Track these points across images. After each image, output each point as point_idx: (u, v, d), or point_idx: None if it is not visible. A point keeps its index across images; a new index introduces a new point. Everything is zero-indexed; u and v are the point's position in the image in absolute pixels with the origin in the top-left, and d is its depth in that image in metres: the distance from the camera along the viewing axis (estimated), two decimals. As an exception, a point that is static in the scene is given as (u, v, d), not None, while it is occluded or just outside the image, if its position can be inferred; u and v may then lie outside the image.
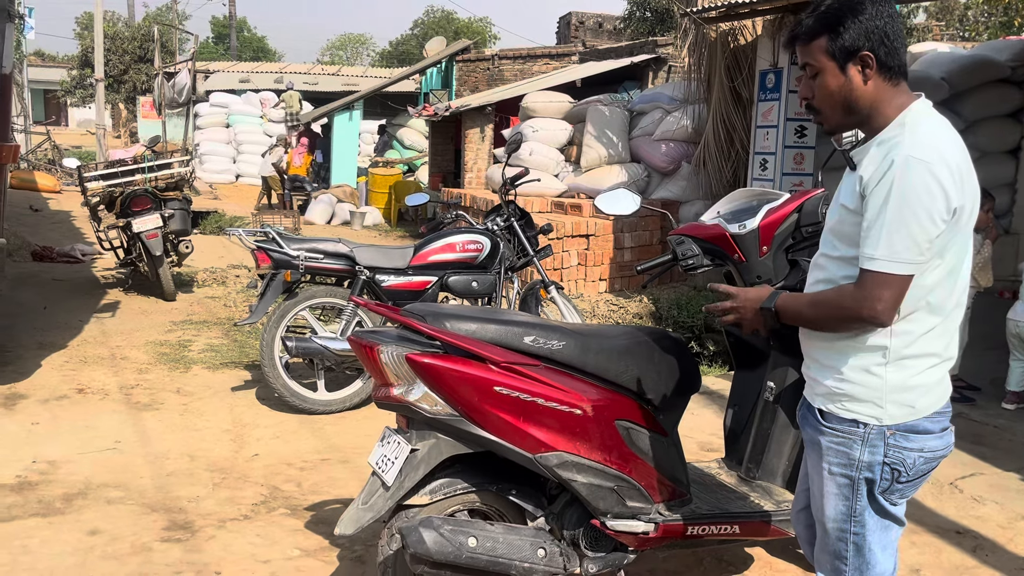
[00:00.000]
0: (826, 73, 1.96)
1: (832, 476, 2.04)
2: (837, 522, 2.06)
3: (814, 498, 2.14)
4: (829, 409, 2.03)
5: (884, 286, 1.86)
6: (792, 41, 2.04)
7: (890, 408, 1.97)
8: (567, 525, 2.63)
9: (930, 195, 1.83)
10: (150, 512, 3.58)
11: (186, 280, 8.59)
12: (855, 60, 1.93)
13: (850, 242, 1.96)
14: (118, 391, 5.18)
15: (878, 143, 1.95)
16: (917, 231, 1.84)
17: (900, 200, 1.83)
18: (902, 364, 1.96)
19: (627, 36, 23.23)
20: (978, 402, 5.27)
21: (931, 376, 1.99)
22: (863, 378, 1.98)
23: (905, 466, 1.99)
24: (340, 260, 4.97)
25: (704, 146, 8.11)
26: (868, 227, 1.87)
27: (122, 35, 30.08)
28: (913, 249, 1.84)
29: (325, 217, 15.05)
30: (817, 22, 1.96)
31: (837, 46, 1.94)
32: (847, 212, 1.98)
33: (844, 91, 1.96)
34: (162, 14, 39.80)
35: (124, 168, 7.74)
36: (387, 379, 2.47)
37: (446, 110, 13.35)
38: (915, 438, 1.98)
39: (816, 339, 2.07)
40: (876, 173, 1.88)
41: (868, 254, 1.87)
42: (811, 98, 2.02)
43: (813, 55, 1.97)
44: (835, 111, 1.99)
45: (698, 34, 7.85)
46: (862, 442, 1.98)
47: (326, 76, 25.08)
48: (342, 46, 57.85)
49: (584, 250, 8.20)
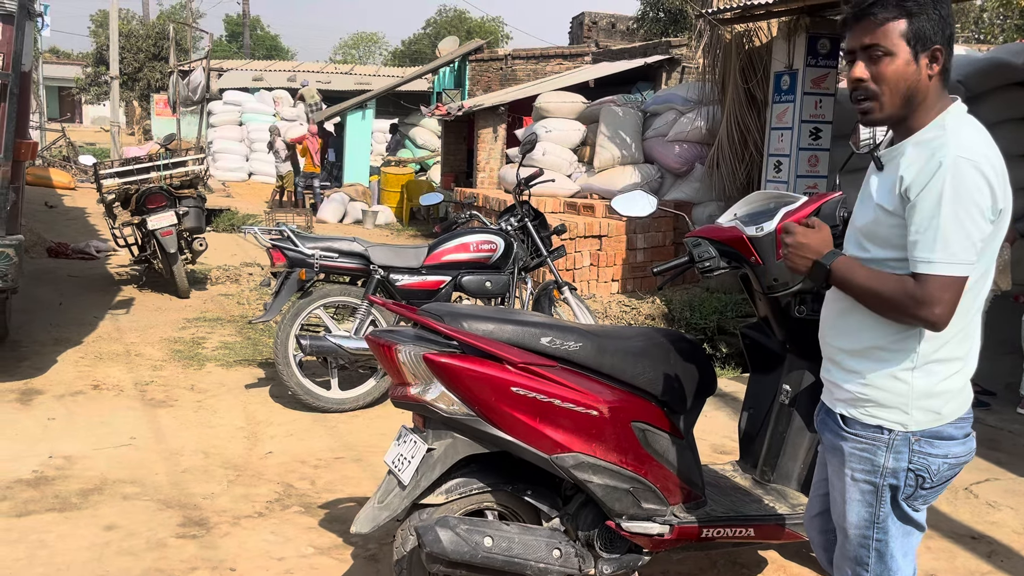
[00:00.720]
0: (898, 58, 1.88)
1: (856, 482, 2.02)
2: (860, 528, 2.04)
3: (835, 504, 2.12)
4: (852, 415, 2.01)
5: (945, 289, 1.82)
6: (857, 18, 1.93)
7: (916, 414, 1.95)
8: (582, 526, 2.64)
9: (981, 194, 1.81)
10: (165, 508, 3.61)
11: (200, 278, 8.64)
12: (928, 52, 1.89)
13: (885, 244, 1.94)
14: (133, 387, 5.21)
15: (915, 143, 1.92)
16: (973, 231, 1.82)
17: (954, 201, 1.80)
18: (929, 369, 1.94)
19: (640, 36, 23.19)
20: (993, 407, 5.24)
21: (956, 382, 1.97)
22: (890, 384, 1.96)
23: (929, 472, 1.97)
24: (355, 259, 4.99)
25: (718, 147, 8.09)
26: (921, 229, 1.83)
27: (137, 33, 30.26)
28: (970, 250, 1.82)
29: (337, 216, 15.10)
30: (897, 6, 1.88)
31: (916, 33, 1.88)
32: (884, 213, 1.93)
33: (912, 79, 1.90)
34: (176, 12, 40.00)
35: (139, 166, 7.79)
36: (404, 378, 2.48)
37: (459, 110, 13.36)
38: (940, 444, 1.97)
39: (841, 342, 2.05)
40: (923, 174, 1.84)
41: (924, 257, 1.83)
42: (867, 80, 1.92)
43: (887, 37, 1.88)
44: (895, 98, 1.91)
45: (713, 35, 7.83)
46: (887, 448, 1.97)
47: (339, 75, 25.13)
48: (355, 45, 57.99)
49: (597, 251, 8.19)
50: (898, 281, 1.89)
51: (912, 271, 1.86)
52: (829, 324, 2.12)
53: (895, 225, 1.91)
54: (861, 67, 1.94)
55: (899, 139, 1.98)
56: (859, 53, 1.94)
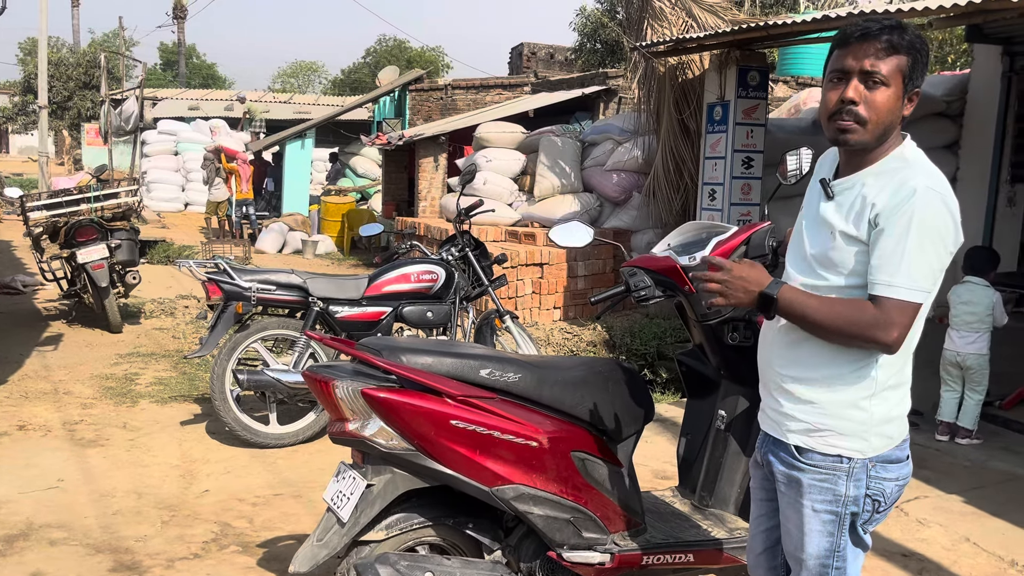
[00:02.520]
0: (891, 91, 1.91)
1: (816, 513, 2.03)
2: (820, 558, 2.05)
3: (789, 535, 2.12)
4: (810, 445, 2.02)
5: (903, 313, 1.86)
6: (863, 39, 1.92)
7: (874, 441, 1.99)
8: (524, 557, 2.64)
9: (946, 227, 1.88)
10: (95, 553, 3.48)
11: (133, 311, 8.42)
12: (911, 92, 1.94)
13: (844, 271, 1.96)
14: (61, 427, 5.04)
15: (876, 174, 1.95)
16: (935, 260, 1.87)
17: (921, 229, 1.85)
18: (884, 396, 1.99)
19: (578, 67, 23.60)
20: (921, 427, 5.40)
21: (905, 406, 2.05)
22: (850, 412, 1.98)
23: (884, 495, 2.03)
24: (293, 291, 4.93)
25: (654, 176, 8.25)
26: (886, 254, 1.87)
27: (67, 61, 29.62)
28: (930, 278, 1.88)
29: (276, 246, 14.91)
30: (906, 42, 1.91)
31: (911, 72, 1.92)
32: (847, 239, 1.95)
33: (895, 114, 1.93)
34: (109, 40, 39.27)
35: (69, 198, 7.58)
36: (343, 414, 2.46)
37: (400, 139, 13.37)
38: (892, 467, 2.02)
39: (794, 371, 2.05)
40: (894, 201, 1.87)
41: (887, 280, 1.87)
42: (859, 104, 1.92)
43: (889, 67, 1.90)
44: (878, 128, 1.93)
45: (647, 67, 8.01)
46: (848, 477, 1.99)
47: (278, 104, 24.94)
48: (294, 74, 57.67)
49: (538, 279, 8.26)
50: (852, 304, 1.91)
51: (871, 293, 1.89)
52: (777, 354, 2.11)
53: (858, 251, 1.94)
54: (856, 88, 1.92)
55: (851, 169, 2.01)
56: (856, 75, 1.93)
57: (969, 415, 5.09)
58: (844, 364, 1.98)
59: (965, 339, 5.03)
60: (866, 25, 1.93)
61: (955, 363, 5.09)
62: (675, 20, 7.75)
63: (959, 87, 8.61)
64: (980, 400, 5.08)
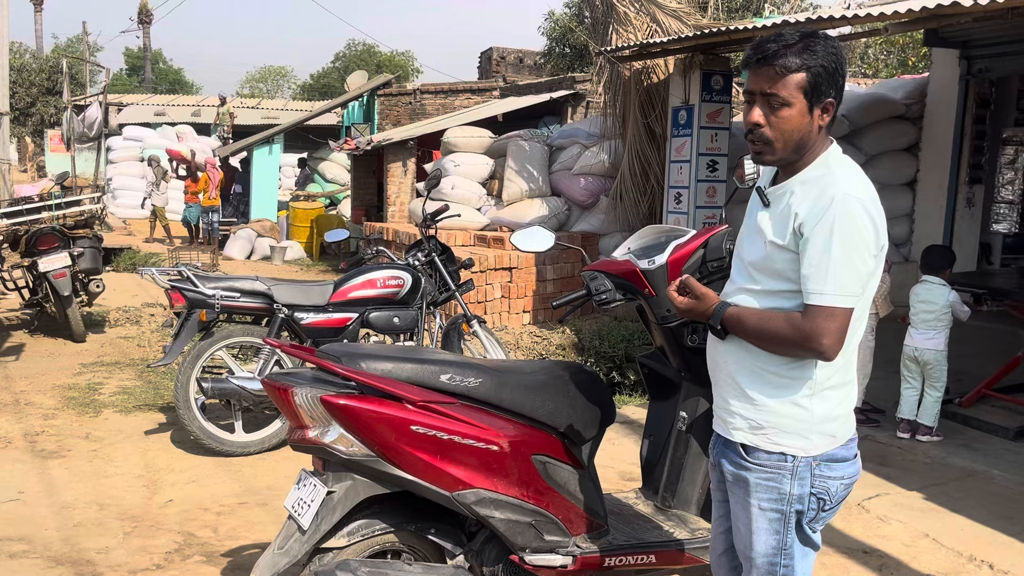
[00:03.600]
0: (794, 109, 1.95)
1: (763, 512, 2.07)
2: (767, 556, 2.10)
3: (739, 534, 2.16)
4: (754, 443, 2.06)
5: (832, 319, 1.91)
6: (759, 63, 1.97)
7: (815, 439, 2.03)
8: (486, 561, 2.65)
9: (867, 232, 1.92)
10: (55, 566, 3.44)
11: (97, 320, 8.31)
12: (821, 104, 1.97)
13: (778, 276, 2.02)
14: (22, 439, 4.96)
15: (801, 181, 2.01)
16: (860, 265, 1.92)
17: (843, 237, 1.89)
18: (825, 395, 2.04)
19: (547, 72, 23.70)
20: (882, 424, 5.49)
21: (848, 406, 2.09)
22: (790, 411, 2.03)
23: (829, 494, 2.06)
24: (257, 298, 4.90)
25: (620, 180, 8.32)
26: (813, 263, 1.92)
27: (29, 67, 29.16)
28: (858, 283, 1.93)
29: (245, 252, 14.79)
30: (800, 59, 1.93)
31: (813, 86, 1.94)
32: (777, 249, 2.00)
33: (804, 130, 1.97)
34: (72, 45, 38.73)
35: (29, 206, 7.47)
36: (302, 421, 2.45)
37: (368, 144, 13.33)
38: (836, 467, 2.06)
39: (738, 373, 2.10)
40: (815, 210, 1.93)
41: (816, 289, 1.92)
42: (764, 126, 1.98)
43: (787, 88, 1.94)
44: (788, 145, 1.98)
45: (613, 72, 8.07)
46: (792, 475, 2.03)
47: (245, 109, 24.71)
48: (262, 79, 57.27)
49: (507, 283, 8.27)
50: (786, 319, 1.98)
51: (804, 303, 1.95)
52: (722, 352, 2.16)
53: (788, 259, 1.99)
54: (758, 112, 1.99)
55: (784, 178, 2.07)
56: (758, 98, 1.99)
57: (929, 412, 5.18)
58: (783, 364, 2.03)
59: (923, 336, 5.13)
60: (764, 47, 1.97)
61: (914, 359, 5.19)
62: (640, 25, 7.82)
63: (918, 90, 8.79)
64: (939, 397, 5.17)
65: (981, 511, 4.21)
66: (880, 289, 5.36)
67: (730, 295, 2.15)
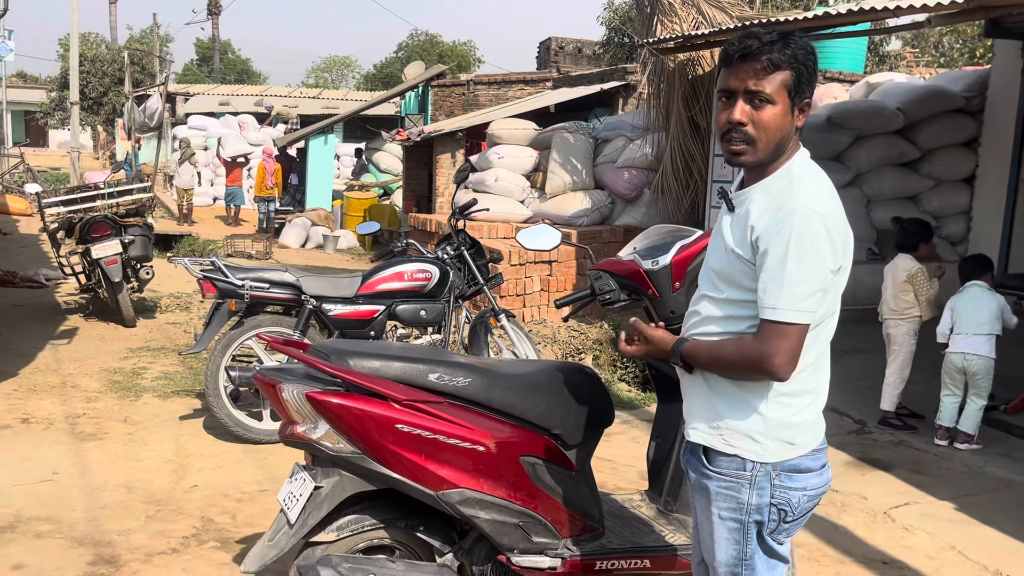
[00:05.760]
0: (778, 107, 1.92)
1: (723, 521, 2.05)
2: (729, 566, 2.07)
3: (704, 543, 2.14)
4: (711, 444, 2.04)
5: (783, 337, 1.88)
6: (744, 59, 1.93)
7: (770, 445, 1.99)
8: (476, 561, 2.65)
9: (824, 246, 1.88)
10: (77, 546, 3.57)
11: (149, 306, 8.58)
12: (801, 104, 1.95)
13: (738, 286, 1.99)
14: (63, 421, 5.16)
15: (762, 191, 1.97)
16: (816, 280, 1.88)
17: (799, 251, 1.85)
18: (782, 402, 1.99)
19: (606, 62, 23.46)
20: (920, 430, 5.32)
21: (810, 414, 2.03)
22: (746, 414, 2.00)
23: (791, 506, 2.02)
24: (286, 289, 4.99)
25: (662, 174, 8.20)
26: (770, 278, 1.88)
27: (103, 58, 30.12)
28: (812, 298, 1.88)
29: (299, 241, 15.08)
30: (785, 57, 1.91)
31: (796, 85, 1.92)
32: (737, 259, 1.97)
33: (786, 130, 1.94)
34: (146, 36, 39.91)
35: (84, 194, 7.74)
36: (291, 417, 2.49)
37: (419, 135, 13.43)
38: (798, 477, 2.02)
39: (698, 377, 2.08)
40: (772, 223, 1.89)
41: (771, 304, 1.88)
42: (747, 124, 1.93)
43: (772, 86, 1.91)
44: (769, 145, 1.94)
45: (657, 64, 7.95)
46: (750, 485, 2.00)
47: (306, 99, 25.15)
48: (327, 68, 58.14)
49: (547, 276, 8.25)
50: (736, 343, 1.96)
51: (760, 317, 1.91)
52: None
53: (746, 271, 1.96)
54: (741, 110, 1.93)
55: (751, 181, 2.02)
56: (742, 95, 1.94)
57: (970, 420, 4.99)
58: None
59: (971, 343, 4.92)
60: (747, 44, 1.93)
61: (960, 368, 4.97)
62: (685, 16, 7.68)
63: (979, 83, 8.44)
64: (983, 405, 4.97)
65: (1014, 524, 4.05)
66: (929, 292, 5.18)
67: (695, 302, 2.13)
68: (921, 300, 5.18)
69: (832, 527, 4.01)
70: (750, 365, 1.92)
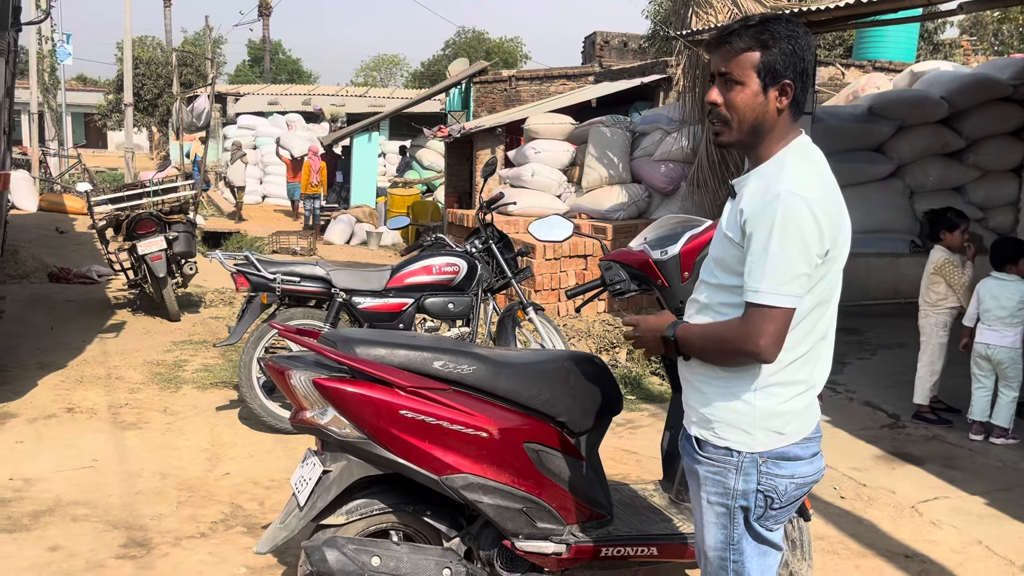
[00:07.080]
0: (747, 88, 1.95)
1: (711, 505, 2.07)
2: (717, 550, 2.09)
3: (696, 527, 2.17)
4: (704, 437, 2.06)
5: (768, 320, 1.88)
6: (718, 45, 2.00)
7: (759, 435, 2.00)
8: (483, 545, 2.70)
9: (809, 230, 1.87)
10: (111, 529, 3.71)
11: (194, 300, 8.82)
12: (777, 85, 1.96)
13: (730, 271, 2.00)
14: (106, 410, 5.35)
15: (757, 175, 1.99)
16: (800, 264, 1.87)
17: (783, 234, 1.86)
18: (770, 391, 2.00)
19: (651, 55, 23.28)
20: (956, 425, 5.21)
21: (799, 403, 2.03)
22: (734, 405, 2.01)
23: (777, 493, 2.02)
24: (317, 283, 5.10)
25: (698, 167, 8.14)
26: (754, 261, 1.89)
27: (158, 60, 30.90)
28: (796, 282, 1.88)
29: (344, 237, 15.31)
30: (753, 37, 1.95)
31: (767, 66, 1.94)
32: (729, 243, 1.99)
33: (759, 111, 1.96)
34: (199, 38, 40.80)
35: (131, 192, 7.99)
36: (300, 403, 2.57)
37: (459, 131, 13.52)
38: (786, 465, 2.02)
39: (692, 368, 2.10)
40: (757, 207, 1.90)
41: (753, 287, 1.89)
42: (720, 105, 2.00)
43: (740, 67, 1.95)
44: (743, 125, 1.98)
45: (692, 56, 7.90)
46: (736, 471, 2.01)
47: (353, 98, 25.48)
48: (376, 67, 58.75)
49: (582, 270, 8.26)
50: (723, 325, 1.98)
51: (744, 300, 1.92)
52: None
53: (737, 255, 1.97)
54: (715, 92, 2.01)
55: (752, 167, 2.05)
56: (716, 78, 2.01)
57: (1003, 413, 4.88)
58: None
59: (996, 333, 4.82)
60: (724, 29, 2.00)
61: (985, 356, 4.88)
62: (720, 8, 7.62)
63: (1027, 70, 8.20)
64: (1015, 397, 4.86)
65: (1046, 520, 3.96)
66: (961, 280, 5.08)
67: (696, 290, 2.15)
68: (956, 289, 5.08)
69: (856, 520, 3.97)
70: (736, 348, 1.93)
